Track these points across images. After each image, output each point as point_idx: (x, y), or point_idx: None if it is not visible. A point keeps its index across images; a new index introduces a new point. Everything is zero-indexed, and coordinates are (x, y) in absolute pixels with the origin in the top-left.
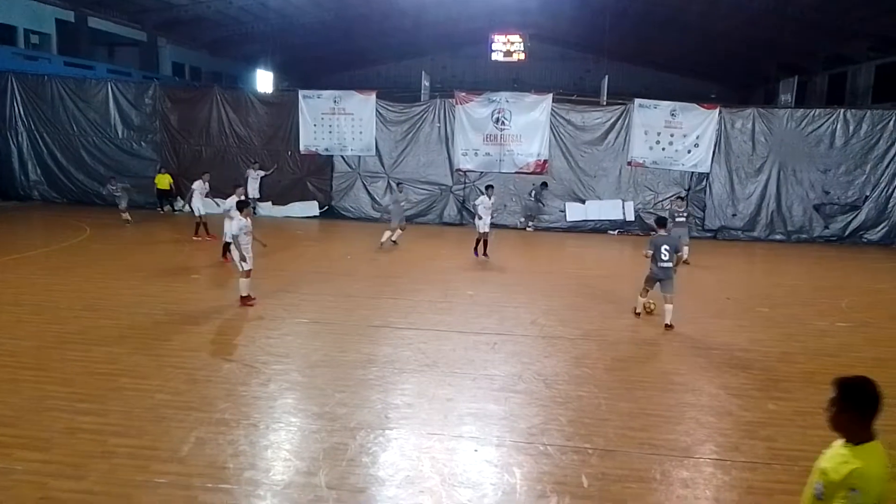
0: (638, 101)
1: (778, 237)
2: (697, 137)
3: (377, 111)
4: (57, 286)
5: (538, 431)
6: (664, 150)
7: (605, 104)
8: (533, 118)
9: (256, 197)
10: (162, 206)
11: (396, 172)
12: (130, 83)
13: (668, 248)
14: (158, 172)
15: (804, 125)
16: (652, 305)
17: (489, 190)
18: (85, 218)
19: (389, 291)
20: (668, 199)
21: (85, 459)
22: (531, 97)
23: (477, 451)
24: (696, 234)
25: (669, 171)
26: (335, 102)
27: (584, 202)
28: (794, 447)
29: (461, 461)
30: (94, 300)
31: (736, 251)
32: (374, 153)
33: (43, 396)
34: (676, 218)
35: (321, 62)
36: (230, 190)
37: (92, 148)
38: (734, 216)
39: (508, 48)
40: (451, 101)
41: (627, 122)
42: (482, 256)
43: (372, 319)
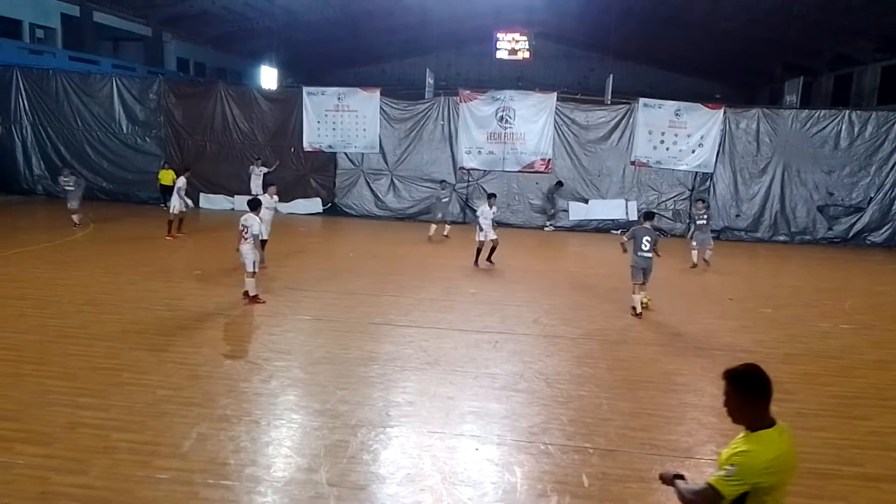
0: (642, 100)
1: (781, 238)
2: (702, 137)
3: (381, 108)
4: (60, 281)
5: (539, 430)
6: (668, 149)
7: (609, 103)
8: (537, 117)
9: (259, 194)
10: (166, 201)
11: (399, 170)
12: (135, 78)
13: (648, 239)
14: (162, 168)
15: (809, 126)
16: (647, 300)
17: (492, 199)
18: (88, 213)
19: (391, 289)
20: (671, 199)
21: (86, 454)
22: (535, 95)
23: (478, 449)
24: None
25: (673, 171)
26: (339, 99)
27: (587, 201)
28: (796, 449)
29: (462, 459)
30: (96, 295)
31: (739, 252)
32: (377, 150)
33: (45, 391)
34: (697, 221)
35: (326, 59)
36: (231, 185)
37: (96, 143)
38: (738, 217)
39: (513, 46)
40: (455, 98)
41: (632, 121)
42: (486, 263)
43: (374, 317)
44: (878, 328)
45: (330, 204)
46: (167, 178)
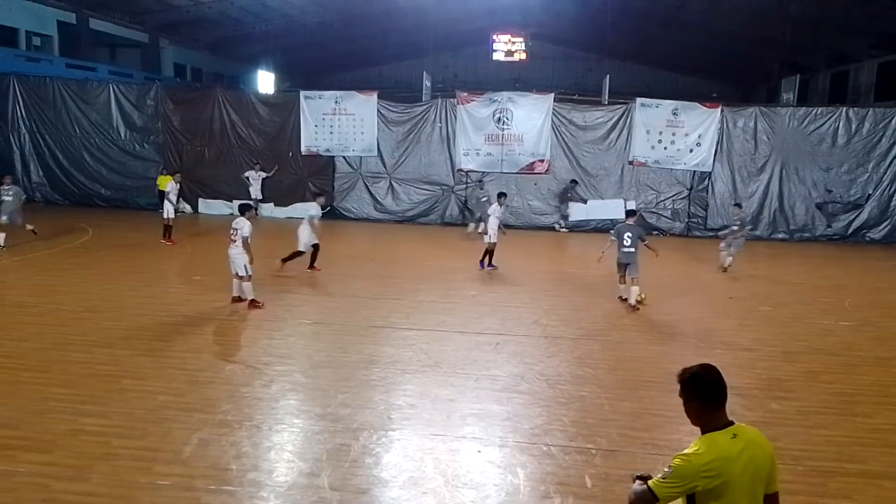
0: (640, 100)
1: (780, 236)
2: (699, 136)
3: (378, 111)
4: (59, 288)
5: (541, 432)
6: (666, 149)
7: (606, 103)
8: (534, 118)
9: (258, 198)
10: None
11: (398, 173)
12: (132, 84)
13: (630, 235)
14: (161, 174)
15: (806, 124)
16: (641, 296)
17: (501, 198)
18: (87, 219)
19: (391, 292)
20: (669, 198)
21: (88, 461)
22: (533, 97)
23: (480, 451)
24: (698, 233)
25: (671, 170)
26: (336, 103)
27: (585, 202)
28: (797, 447)
29: (464, 462)
30: (96, 302)
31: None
32: (375, 153)
33: (45, 398)
34: (732, 227)
35: (322, 63)
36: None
37: (94, 150)
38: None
39: (510, 48)
40: (452, 100)
41: (629, 121)
42: (489, 268)
43: (374, 320)
44: (877, 325)
45: (328, 207)
46: (166, 183)
